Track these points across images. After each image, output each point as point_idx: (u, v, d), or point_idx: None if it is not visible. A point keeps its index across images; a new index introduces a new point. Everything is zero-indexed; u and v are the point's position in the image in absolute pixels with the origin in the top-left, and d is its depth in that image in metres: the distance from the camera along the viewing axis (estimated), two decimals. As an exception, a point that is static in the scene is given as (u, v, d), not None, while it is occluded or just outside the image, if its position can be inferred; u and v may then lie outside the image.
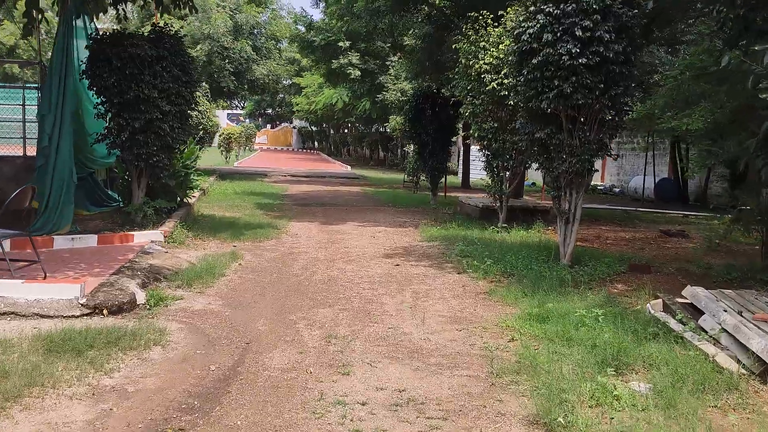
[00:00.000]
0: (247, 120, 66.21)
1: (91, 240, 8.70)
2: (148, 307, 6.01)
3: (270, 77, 22.92)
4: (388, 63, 25.00)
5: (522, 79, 8.11)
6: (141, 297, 6.14)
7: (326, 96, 40.01)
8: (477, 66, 10.75)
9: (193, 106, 10.95)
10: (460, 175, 26.42)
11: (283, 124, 71.28)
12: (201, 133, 19.91)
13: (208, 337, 5.26)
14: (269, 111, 68.04)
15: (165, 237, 9.14)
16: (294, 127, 69.85)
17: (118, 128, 10.09)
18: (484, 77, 10.67)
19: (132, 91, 9.79)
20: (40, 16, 9.64)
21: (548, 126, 8.14)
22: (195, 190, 12.92)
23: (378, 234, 11.21)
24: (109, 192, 12.26)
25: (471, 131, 11.69)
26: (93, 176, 11.98)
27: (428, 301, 6.77)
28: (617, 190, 25.64)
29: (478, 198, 14.69)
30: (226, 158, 32.34)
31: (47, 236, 8.48)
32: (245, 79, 21.87)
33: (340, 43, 24.64)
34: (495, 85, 10.55)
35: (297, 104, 47.78)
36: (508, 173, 11.48)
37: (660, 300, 6.20)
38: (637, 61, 8.21)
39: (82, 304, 5.63)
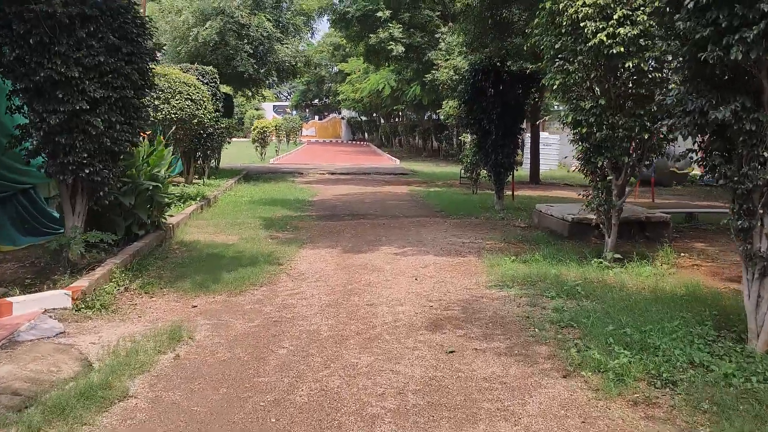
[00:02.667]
0: (294, 112, 63.42)
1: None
2: None
3: (298, 59, 19.45)
4: (437, 36, 20.96)
5: (689, 7, 4.22)
6: None
7: (372, 82, 36.42)
8: (571, 11, 6.86)
9: (146, 89, 7.50)
10: (527, 167, 22.36)
11: (331, 115, 68.18)
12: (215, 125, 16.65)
13: None
14: (316, 102, 64.98)
15: (76, 299, 5.72)
16: (343, 118, 66.63)
17: (31, 126, 6.81)
18: (585, 27, 6.77)
19: (43, 69, 6.45)
20: None
21: (735, 97, 4.27)
22: (171, 208, 9.53)
23: (423, 271, 7.51)
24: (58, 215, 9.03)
25: (562, 114, 7.79)
26: (31, 194, 8.76)
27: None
28: (722, 181, 21.06)
29: (563, 207, 10.75)
30: (261, 154, 29.21)
31: None
32: (267, 62, 18.46)
33: (379, 14, 20.72)
34: (603, 38, 6.65)
35: (342, 92, 44.36)
36: (619, 176, 7.55)
37: None
38: None
39: None
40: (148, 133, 8.95)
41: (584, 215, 9.46)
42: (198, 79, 14.59)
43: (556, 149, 28.61)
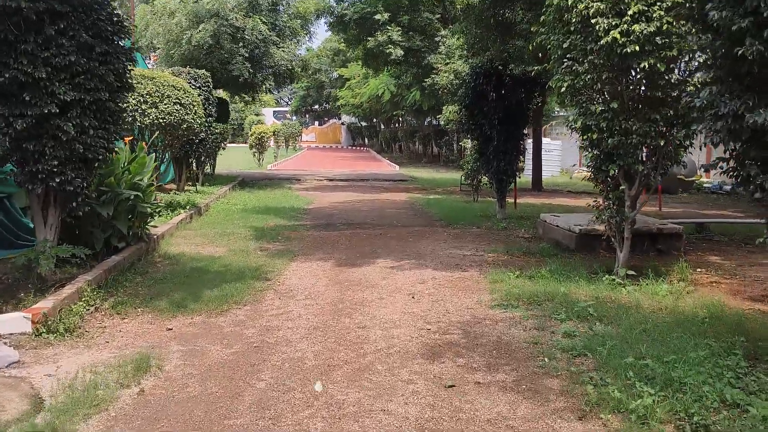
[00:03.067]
0: (294, 117, 62.99)
1: None
2: None
3: (295, 63, 18.91)
4: (437, 39, 20.43)
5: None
6: None
7: (371, 87, 35.98)
8: (581, 6, 6.34)
9: (124, 92, 6.98)
10: (528, 173, 21.83)
11: (331, 120, 67.76)
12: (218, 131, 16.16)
13: None
14: (316, 107, 64.54)
15: (37, 323, 5.18)
16: (343, 124, 66.18)
17: (-2, 132, 6.30)
18: (596, 24, 6.25)
19: (8, 70, 5.95)
20: None
21: (774, 98, 3.74)
22: (155, 218, 8.99)
23: (420, 288, 6.97)
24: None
25: (571, 119, 7.24)
26: (5, 204, 8.23)
27: None
28: (728, 187, 20.53)
29: (569, 217, 10.21)
30: (258, 160, 28.69)
31: None
32: (263, 66, 17.93)
33: (378, 16, 20.15)
34: (616, 36, 6.12)
35: (342, 97, 43.89)
36: (632, 186, 7.01)
37: None
38: None
39: None
40: (129, 139, 8.42)
41: (592, 226, 8.92)
42: (190, 83, 14.09)
43: (557, 155, 28.10)
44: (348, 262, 8.39)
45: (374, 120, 55.11)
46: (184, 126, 11.11)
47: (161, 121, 10.69)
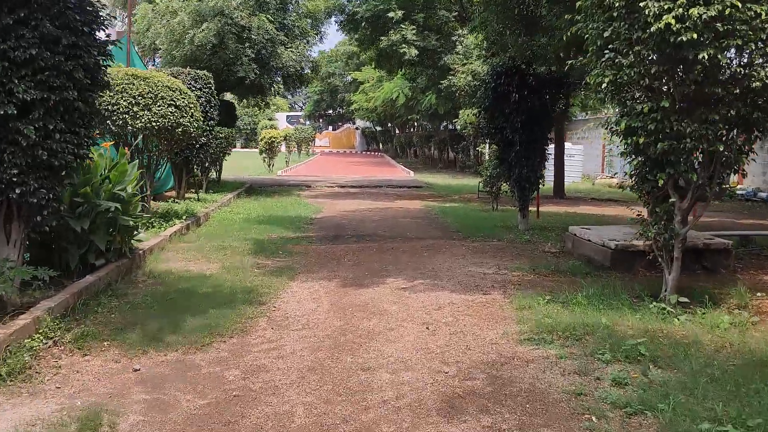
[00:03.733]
0: (308, 122, 62.39)
1: None
2: None
3: (304, 64, 18.07)
4: (454, 39, 19.41)
5: None
6: None
7: (386, 91, 35.14)
8: (626, -13, 5.38)
9: (97, 90, 6.13)
10: (549, 179, 20.74)
11: (345, 125, 67.04)
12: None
13: None
14: (330, 112, 63.86)
15: (-28, 365, 4.31)
16: (357, 128, 65.47)
17: (-52, 136, 5.47)
18: (645, 8, 5.28)
19: (-43, 64, 5.12)
20: None
21: None
22: (143, 231, 8.13)
23: (436, 316, 6.03)
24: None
25: (612, 120, 6.25)
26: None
27: None
28: (764, 195, 19.35)
29: (601, 230, 9.21)
30: (269, 166, 27.92)
31: None
32: (270, 67, 17.09)
33: (391, 14, 19.19)
34: (669, 21, 5.15)
35: (355, 101, 43.09)
36: (684, 198, 6.01)
37: None
38: None
39: None
40: (110, 144, 7.58)
41: (629, 241, 7.95)
42: (190, 84, 13.29)
43: (579, 161, 27.03)
44: (355, 281, 7.48)
45: (389, 125, 54.30)
46: (180, 130, 10.27)
47: (154, 124, 9.86)
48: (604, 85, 5.82)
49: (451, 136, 35.59)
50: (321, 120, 67.01)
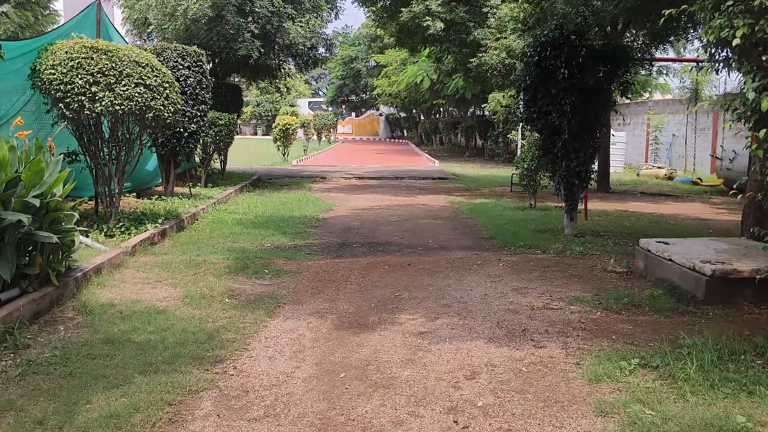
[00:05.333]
0: (330, 108, 60.42)
1: None
2: None
3: (316, 41, 16.03)
4: (485, 11, 17.09)
5: None
6: None
7: (409, 74, 32.98)
8: None
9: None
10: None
11: (368, 111, 64.91)
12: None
13: None
14: (353, 98, 61.76)
15: None
16: (381, 115, 63.35)
17: None
18: None
19: None
20: None
21: None
22: (77, 250, 6.21)
23: (469, 392, 4.02)
24: None
25: (748, 93, 4.15)
26: None
27: None
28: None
29: (686, 245, 7.06)
30: (284, 155, 26.04)
31: None
32: (276, 44, 15.09)
33: (413, -19, 17.07)
34: None
35: (378, 86, 40.94)
36: None
37: None
38: None
39: None
40: (27, 133, 5.69)
41: (730, 264, 5.84)
42: (176, 62, 11.39)
43: (621, 149, 24.62)
44: (356, 319, 5.50)
45: (413, 111, 52.09)
46: (150, 115, 8.36)
47: (118, 108, 7.98)
48: (735, 42, 3.70)
49: (479, 122, 33.36)
50: (344, 106, 64.91)
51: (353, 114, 65.44)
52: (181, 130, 11.33)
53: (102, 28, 10.15)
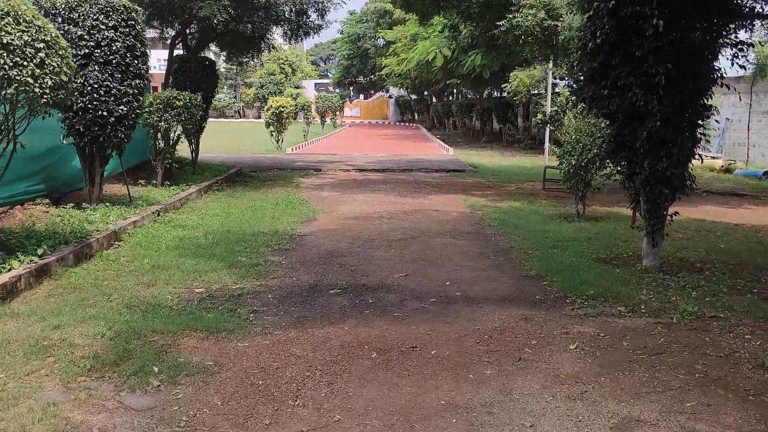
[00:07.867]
0: (336, 90, 57.04)
1: None
2: None
3: (302, 4, 12.82)
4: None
5: None
6: None
7: (420, 51, 29.56)
8: None
9: None
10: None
11: (378, 93, 61.43)
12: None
13: None
14: (361, 79, 58.29)
15: None
16: (390, 97, 59.86)
17: None
18: None
19: None
20: None
21: None
22: None
23: None
24: None
25: None
26: None
27: None
28: None
29: None
30: (277, 141, 22.90)
31: None
32: (252, 5, 11.87)
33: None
34: None
35: (386, 65, 37.55)
36: None
37: None
38: None
39: None
40: None
41: None
42: (96, 19, 8.26)
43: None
44: None
45: (425, 92, 48.64)
46: (11, 89, 5.28)
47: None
48: None
49: (497, 104, 29.99)
50: (351, 88, 61.39)
51: (361, 96, 62.00)
52: (105, 113, 8.23)
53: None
